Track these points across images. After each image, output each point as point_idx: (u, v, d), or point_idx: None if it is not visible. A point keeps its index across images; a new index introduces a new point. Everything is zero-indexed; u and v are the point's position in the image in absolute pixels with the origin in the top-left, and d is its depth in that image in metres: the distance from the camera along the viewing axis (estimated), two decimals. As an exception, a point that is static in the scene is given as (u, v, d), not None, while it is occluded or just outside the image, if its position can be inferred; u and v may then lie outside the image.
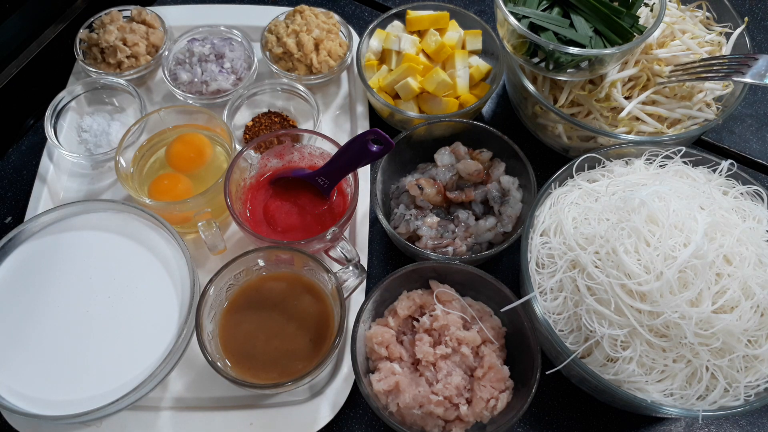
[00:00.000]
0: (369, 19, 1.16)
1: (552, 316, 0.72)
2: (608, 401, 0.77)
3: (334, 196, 0.89)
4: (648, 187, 0.74)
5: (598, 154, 0.82)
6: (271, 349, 0.76)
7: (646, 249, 0.68)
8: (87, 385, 0.72)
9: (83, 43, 1.03)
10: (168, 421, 0.77)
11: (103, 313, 0.76)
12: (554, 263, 0.73)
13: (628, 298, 0.67)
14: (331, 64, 1.01)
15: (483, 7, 1.19)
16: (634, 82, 0.92)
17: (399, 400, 0.71)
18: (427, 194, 0.86)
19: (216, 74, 1.00)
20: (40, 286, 0.78)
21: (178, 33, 1.06)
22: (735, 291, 0.67)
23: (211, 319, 0.76)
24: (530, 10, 0.87)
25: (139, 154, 0.92)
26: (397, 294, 0.79)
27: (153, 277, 0.79)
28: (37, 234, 0.81)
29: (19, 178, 0.98)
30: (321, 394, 0.79)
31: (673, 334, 0.66)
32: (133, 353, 0.74)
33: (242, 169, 0.87)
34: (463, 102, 0.96)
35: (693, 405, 0.67)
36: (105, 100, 1.02)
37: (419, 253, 0.82)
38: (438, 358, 0.73)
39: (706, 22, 0.99)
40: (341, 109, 1.04)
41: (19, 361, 0.73)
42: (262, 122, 1.00)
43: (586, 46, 0.85)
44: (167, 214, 0.84)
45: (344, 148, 0.82)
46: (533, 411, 0.81)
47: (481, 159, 0.90)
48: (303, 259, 0.78)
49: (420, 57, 0.99)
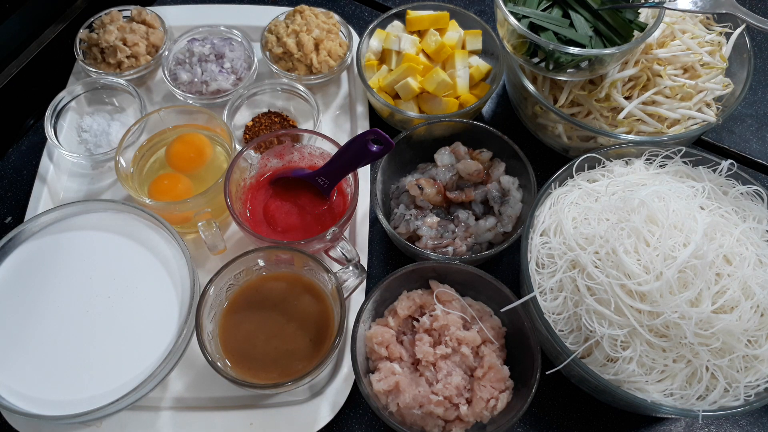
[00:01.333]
0: (369, 19, 1.16)
1: (552, 316, 0.72)
2: (608, 401, 0.77)
3: (334, 196, 0.89)
4: (648, 187, 0.74)
5: (598, 154, 0.82)
6: (271, 349, 0.76)
7: (645, 249, 0.68)
8: (87, 385, 0.72)
9: (83, 43, 1.03)
10: (168, 421, 0.77)
11: (103, 313, 0.76)
12: (554, 263, 0.73)
13: (628, 298, 0.67)
14: (331, 64, 1.01)
15: (483, 7, 1.19)
16: (634, 82, 0.92)
17: (399, 400, 0.71)
18: (427, 194, 0.86)
19: (216, 74, 1.00)
20: (40, 286, 0.78)
21: (178, 33, 1.06)
22: (735, 291, 0.67)
23: (211, 319, 0.76)
24: (530, 10, 0.87)
25: (139, 154, 0.92)
26: (397, 294, 0.79)
27: (153, 277, 0.79)
28: (37, 234, 0.81)
29: (19, 178, 0.98)
30: (321, 394, 0.79)
31: (673, 334, 0.66)
32: (133, 353, 0.74)
33: (242, 169, 0.87)
34: (463, 102, 0.96)
35: (693, 405, 0.67)
36: (105, 100, 1.02)
37: (419, 253, 0.82)
38: (438, 358, 0.73)
39: (706, 22, 0.98)
40: (341, 109, 1.04)
41: (19, 361, 0.73)
42: (262, 122, 1.00)
43: (586, 46, 0.85)
44: (167, 214, 0.84)
45: (344, 148, 0.82)
46: (533, 411, 0.81)
47: (481, 159, 0.90)
48: (303, 259, 0.78)
49: (420, 57, 0.99)
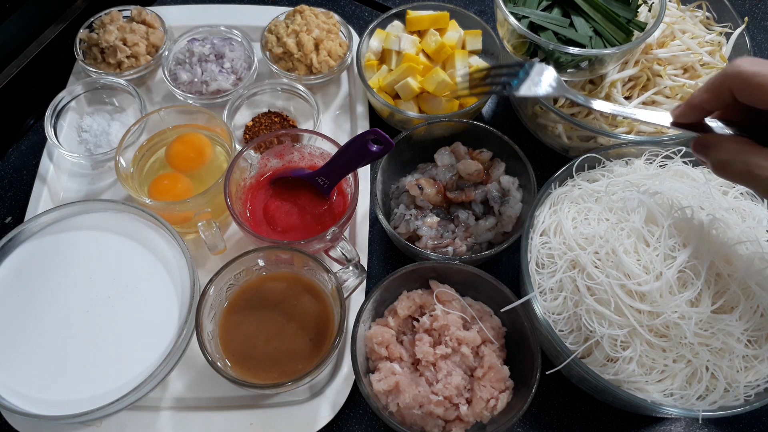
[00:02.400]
0: (369, 19, 1.16)
1: (552, 316, 0.72)
2: (608, 401, 0.77)
3: (334, 196, 0.89)
4: (648, 187, 0.74)
5: (598, 154, 0.82)
6: (271, 349, 0.76)
7: (645, 249, 0.68)
8: (87, 385, 0.72)
9: (83, 43, 1.03)
10: (168, 421, 0.77)
11: (103, 313, 0.76)
12: (554, 263, 0.73)
13: (628, 298, 0.67)
14: (331, 64, 1.01)
15: (483, 7, 1.19)
16: (634, 82, 0.92)
17: (399, 400, 0.71)
18: (427, 194, 0.86)
19: (216, 74, 1.00)
20: (40, 286, 0.78)
21: (178, 33, 1.06)
22: (735, 291, 0.67)
23: (211, 319, 0.76)
24: (530, 10, 0.87)
25: (139, 154, 0.92)
26: (397, 294, 0.79)
27: (153, 277, 0.79)
28: (37, 234, 0.81)
29: (19, 178, 0.98)
30: (321, 394, 0.79)
31: (673, 334, 0.66)
32: (133, 353, 0.74)
33: (242, 169, 0.87)
34: (463, 102, 0.96)
35: (693, 405, 0.67)
36: (105, 100, 1.02)
37: (419, 253, 0.82)
38: (438, 358, 0.73)
39: (706, 22, 0.99)
40: (341, 109, 1.04)
41: (19, 361, 0.73)
42: (262, 122, 1.00)
43: (586, 46, 0.85)
44: (167, 214, 0.84)
45: (344, 148, 0.82)
46: (533, 411, 0.81)
47: (481, 159, 0.90)
48: (303, 259, 0.78)
49: (420, 57, 0.99)
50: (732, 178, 0.61)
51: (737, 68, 0.58)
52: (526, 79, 0.75)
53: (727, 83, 0.59)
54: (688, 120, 0.64)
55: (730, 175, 0.61)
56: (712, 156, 0.61)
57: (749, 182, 0.59)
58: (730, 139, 0.61)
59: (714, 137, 0.62)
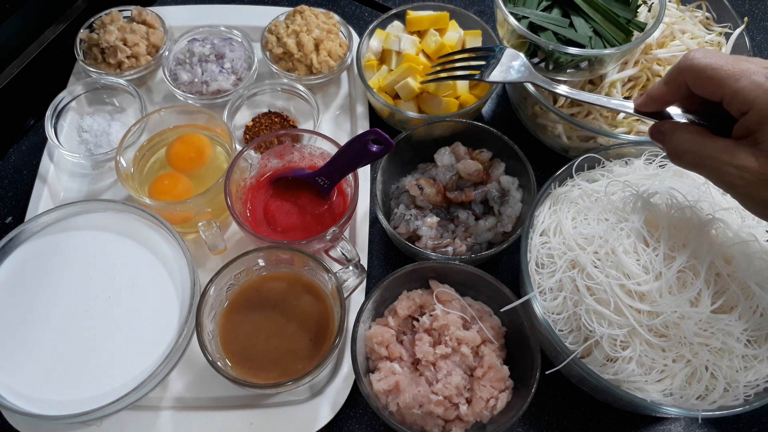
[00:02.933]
0: (369, 19, 1.16)
1: (552, 315, 0.72)
2: (608, 401, 0.77)
3: (334, 196, 0.89)
4: (647, 187, 0.74)
5: (598, 154, 0.82)
6: (271, 348, 0.76)
7: (645, 249, 0.68)
8: (87, 385, 0.72)
9: (83, 44, 1.03)
10: (168, 421, 0.77)
11: (104, 313, 0.76)
12: (554, 263, 0.73)
13: (628, 298, 0.67)
14: (331, 64, 1.01)
15: (483, 7, 1.19)
16: (634, 82, 0.92)
17: (399, 400, 0.71)
18: (427, 194, 0.86)
19: (216, 74, 1.00)
20: (40, 286, 0.78)
21: (178, 33, 1.06)
22: (734, 291, 0.67)
23: (212, 319, 0.76)
24: (530, 11, 0.87)
25: (139, 154, 0.92)
26: (397, 294, 0.79)
27: (153, 277, 0.79)
28: (37, 234, 0.82)
29: (20, 178, 0.98)
30: (321, 393, 0.79)
31: (673, 334, 0.66)
32: (133, 353, 0.74)
33: (242, 169, 0.87)
34: (463, 102, 0.96)
35: (693, 405, 0.67)
36: (105, 100, 1.03)
37: (419, 253, 0.82)
38: (438, 357, 0.73)
39: (706, 22, 0.99)
40: (341, 109, 1.04)
41: (19, 361, 0.73)
42: (262, 122, 1.00)
43: (586, 46, 0.85)
44: (167, 214, 0.84)
45: (344, 148, 0.82)
46: (533, 411, 0.81)
47: (481, 159, 0.90)
48: (303, 259, 0.78)
49: (420, 57, 0.99)
50: (686, 166, 0.62)
51: (690, 61, 0.59)
52: (497, 64, 0.76)
53: (681, 76, 0.60)
54: (649, 110, 0.66)
55: (684, 164, 0.62)
56: (667, 144, 0.63)
57: (701, 171, 0.60)
58: (685, 128, 0.62)
59: (669, 125, 0.63)
